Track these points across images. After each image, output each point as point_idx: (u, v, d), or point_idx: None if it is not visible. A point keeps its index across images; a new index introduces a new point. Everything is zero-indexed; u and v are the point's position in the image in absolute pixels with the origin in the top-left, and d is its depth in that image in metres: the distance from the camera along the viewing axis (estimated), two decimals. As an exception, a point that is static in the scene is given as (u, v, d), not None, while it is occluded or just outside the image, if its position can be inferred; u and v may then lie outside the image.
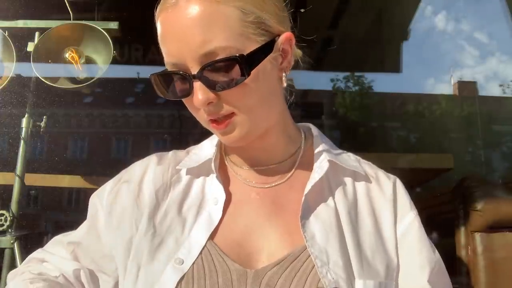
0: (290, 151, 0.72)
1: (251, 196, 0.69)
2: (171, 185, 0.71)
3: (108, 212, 0.71)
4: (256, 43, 0.59)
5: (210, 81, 0.58)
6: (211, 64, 0.57)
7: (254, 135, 0.65)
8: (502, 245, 2.13)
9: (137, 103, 7.63)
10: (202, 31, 0.57)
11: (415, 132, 5.39)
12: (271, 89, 0.64)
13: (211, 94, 0.59)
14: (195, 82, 0.58)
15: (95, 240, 0.71)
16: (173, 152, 0.77)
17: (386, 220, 0.68)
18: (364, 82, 5.15)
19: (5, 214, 1.83)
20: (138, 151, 7.60)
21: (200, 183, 0.71)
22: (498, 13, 3.31)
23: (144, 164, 0.74)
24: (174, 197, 0.69)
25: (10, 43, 1.85)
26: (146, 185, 0.71)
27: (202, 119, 0.64)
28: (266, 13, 0.61)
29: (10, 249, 1.76)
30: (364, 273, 0.60)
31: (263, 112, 0.63)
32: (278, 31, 0.63)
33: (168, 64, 0.62)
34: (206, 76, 0.58)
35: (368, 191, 0.70)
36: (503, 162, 5.46)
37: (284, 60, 0.65)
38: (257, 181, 0.70)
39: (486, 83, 15.45)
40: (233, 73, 0.57)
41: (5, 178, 2.13)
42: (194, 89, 0.59)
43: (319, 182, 0.67)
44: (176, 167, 0.73)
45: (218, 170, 0.71)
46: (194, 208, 0.68)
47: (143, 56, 3.22)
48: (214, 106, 0.60)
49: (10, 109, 2.04)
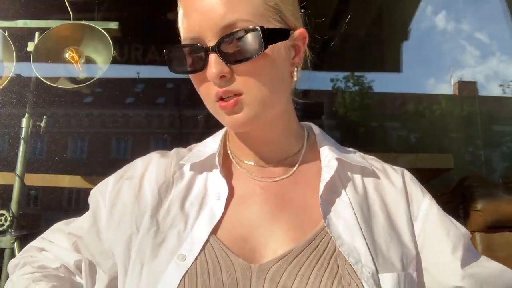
0: (294, 147, 0.73)
1: (256, 191, 0.69)
2: (173, 181, 0.71)
3: (109, 209, 0.71)
4: (273, 26, 0.62)
5: (226, 53, 0.59)
6: (230, 34, 0.59)
7: (259, 119, 0.64)
8: (502, 245, 2.13)
9: (137, 103, 7.63)
10: (225, 4, 0.59)
11: (415, 132, 5.38)
12: (282, 76, 0.65)
13: (225, 68, 0.60)
14: (211, 54, 0.60)
15: (95, 237, 0.71)
16: (175, 149, 0.77)
17: (400, 212, 0.68)
18: (364, 82, 5.15)
19: (5, 214, 1.83)
20: (138, 151, 7.57)
21: (203, 178, 0.71)
22: (498, 13, 3.31)
23: (146, 161, 0.74)
24: (177, 193, 0.69)
25: (10, 43, 1.85)
26: (148, 182, 0.71)
27: (210, 98, 0.64)
28: (285, 4, 0.64)
29: (10, 249, 1.77)
30: (380, 266, 0.61)
31: (271, 96, 0.63)
32: (293, 25, 0.65)
33: (186, 40, 0.63)
34: (222, 49, 0.59)
35: (377, 185, 0.71)
36: (503, 162, 5.45)
37: (297, 55, 0.66)
38: (262, 176, 0.70)
39: (486, 83, 15.45)
40: (251, 45, 0.59)
41: (5, 178, 2.14)
42: (208, 62, 0.60)
43: (331, 180, 0.67)
44: (179, 162, 0.73)
45: (222, 165, 0.71)
46: (196, 203, 0.67)
47: (143, 56, 3.22)
48: (226, 81, 0.61)
49: (10, 109, 2.05)
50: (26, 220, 2.01)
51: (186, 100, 4.35)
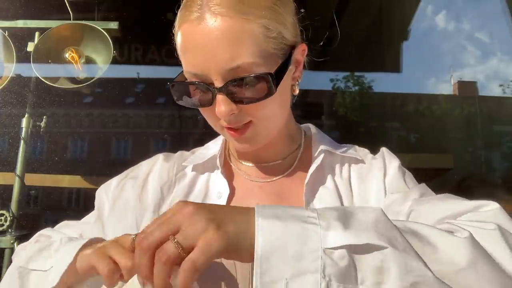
0: (291, 149, 0.75)
1: (254, 190, 0.71)
2: (176, 181, 0.73)
3: (112, 204, 0.73)
4: (277, 57, 0.61)
5: (234, 94, 0.60)
6: (238, 79, 0.58)
7: (266, 141, 0.67)
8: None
9: (137, 103, 7.62)
10: (229, 47, 0.57)
11: (415, 132, 5.38)
12: (286, 97, 0.67)
13: (233, 106, 0.60)
14: (219, 95, 0.60)
15: (101, 230, 0.73)
16: (179, 152, 0.80)
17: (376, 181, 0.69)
18: (364, 82, 5.14)
19: (5, 214, 1.83)
20: (138, 151, 7.58)
21: (204, 178, 0.73)
22: (498, 13, 3.31)
23: (151, 162, 0.77)
24: (179, 192, 0.71)
25: (10, 43, 1.85)
26: (151, 182, 0.73)
27: (218, 126, 0.66)
28: (285, 27, 0.63)
29: (10, 249, 1.77)
30: None
31: (277, 120, 0.66)
32: (293, 43, 0.65)
33: (189, 74, 0.62)
34: (231, 90, 0.59)
35: (361, 169, 0.72)
36: (503, 162, 5.45)
37: (297, 69, 0.67)
38: (260, 177, 0.73)
39: (486, 83, 15.45)
40: (260, 88, 0.59)
41: (5, 178, 2.14)
42: (217, 101, 0.60)
43: (317, 170, 0.69)
44: (182, 163, 0.75)
45: (223, 166, 0.73)
46: (198, 202, 0.69)
47: (143, 56, 3.22)
48: (236, 117, 0.62)
49: (10, 109, 2.05)
50: (26, 220, 2.01)
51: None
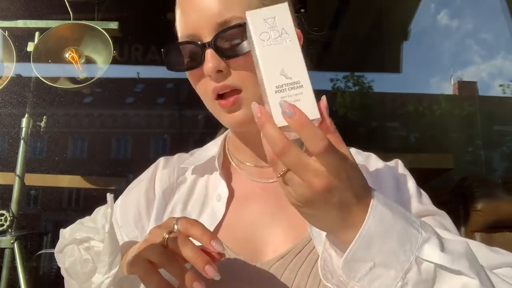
0: None
1: (255, 191, 0.70)
2: (177, 186, 0.73)
3: (118, 209, 0.74)
4: None
5: (222, 49, 0.61)
6: (225, 30, 0.60)
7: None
8: (502, 245, 2.13)
9: (137, 103, 7.61)
10: (221, 2, 0.61)
11: (415, 132, 5.37)
12: None
13: (221, 62, 0.61)
14: (207, 50, 0.61)
15: (117, 231, 0.72)
16: (178, 155, 0.80)
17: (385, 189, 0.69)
18: (364, 82, 5.14)
19: (5, 214, 1.83)
20: (138, 151, 7.57)
21: (204, 181, 0.73)
22: (498, 13, 3.31)
23: (153, 168, 0.78)
24: (180, 196, 0.71)
25: (10, 43, 1.85)
26: (154, 188, 0.73)
27: (208, 95, 0.65)
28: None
29: (10, 249, 1.76)
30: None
31: None
32: None
33: (183, 38, 0.64)
34: (218, 44, 0.61)
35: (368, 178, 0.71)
36: (503, 162, 5.45)
37: None
38: (261, 177, 0.71)
39: (486, 83, 15.46)
40: (245, 40, 0.60)
41: (5, 178, 2.13)
42: (205, 57, 0.61)
43: None
44: (181, 166, 0.75)
45: (222, 167, 0.72)
46: (198, 205, 0.69)
47: (143, 56, 3.22)
48: (223, 76, 0.62)
49: (10, 109, 2.04)
50: (26, 220, 2.01)
51: (186, 100, 4.35)
